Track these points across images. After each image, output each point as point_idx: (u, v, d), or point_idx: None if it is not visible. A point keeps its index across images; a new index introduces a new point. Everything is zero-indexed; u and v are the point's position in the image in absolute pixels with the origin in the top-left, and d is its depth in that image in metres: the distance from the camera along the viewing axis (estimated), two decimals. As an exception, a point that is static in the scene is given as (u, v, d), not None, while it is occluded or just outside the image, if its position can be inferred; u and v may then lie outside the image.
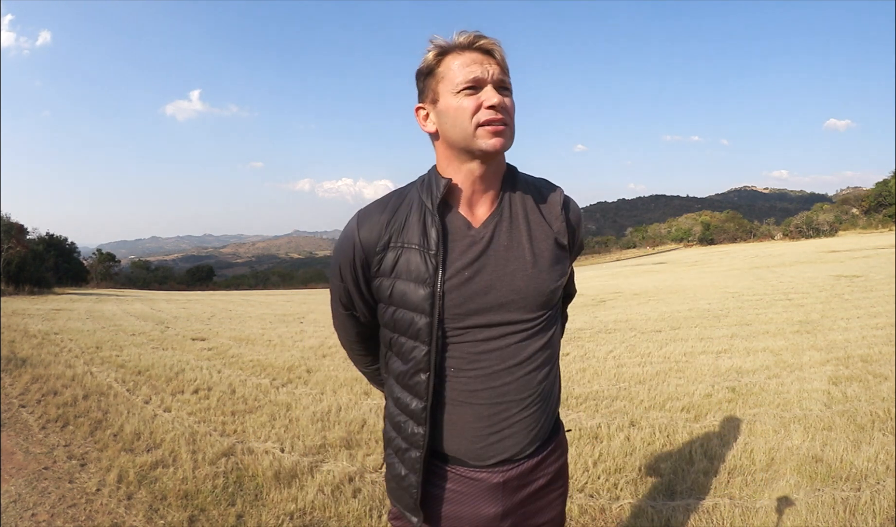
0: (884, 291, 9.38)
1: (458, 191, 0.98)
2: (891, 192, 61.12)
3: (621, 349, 5.98)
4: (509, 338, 0.96)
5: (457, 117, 0.93)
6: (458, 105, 0.92)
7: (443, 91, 0.95)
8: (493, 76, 0.92)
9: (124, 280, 46.95)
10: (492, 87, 0.92)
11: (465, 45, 0.94)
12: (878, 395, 3.76)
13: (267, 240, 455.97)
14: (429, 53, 0.96)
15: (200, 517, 2.43)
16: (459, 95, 0.92)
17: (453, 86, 0.93)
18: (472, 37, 0.93)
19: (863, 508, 2.27)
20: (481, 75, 0.92)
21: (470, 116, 0.92)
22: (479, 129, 0.92)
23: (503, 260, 0.95)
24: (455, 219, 0.97)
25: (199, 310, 13.67)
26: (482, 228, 0.97)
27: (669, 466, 2.80)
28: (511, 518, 1.02)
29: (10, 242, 21.93)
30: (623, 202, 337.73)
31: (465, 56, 0.93)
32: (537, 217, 0.99)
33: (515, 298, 0.95)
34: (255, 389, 4.69)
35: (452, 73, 0.93)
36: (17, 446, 3.33)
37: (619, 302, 11.55)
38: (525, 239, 0.97)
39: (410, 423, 0.98)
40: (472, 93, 0.92)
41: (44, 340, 7.52)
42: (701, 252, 52.22)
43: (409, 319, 0.94)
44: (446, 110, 0.94)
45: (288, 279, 55.31)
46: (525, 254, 0.96)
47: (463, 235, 0.96)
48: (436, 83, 0.96)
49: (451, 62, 0.94)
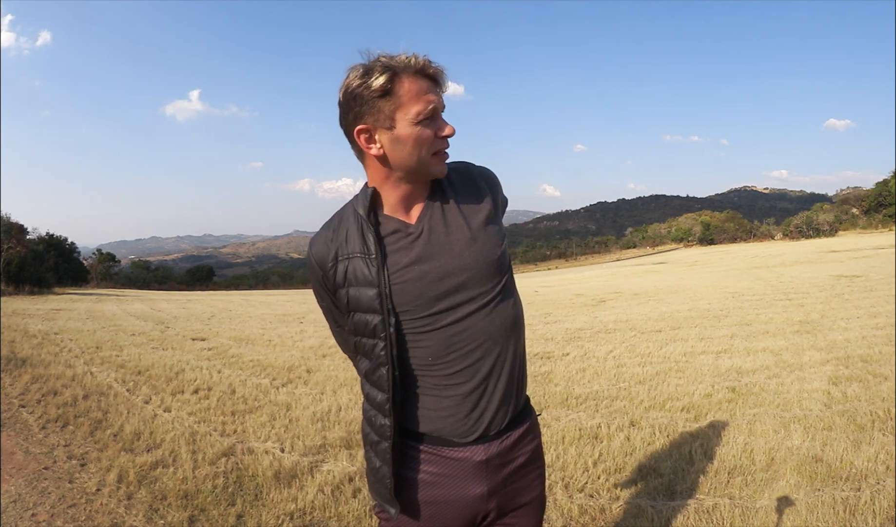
0: (884, 291, 9.38)
1: (391, 197, 1.03)
2: (891, 192, 61.13)
3: (621, 349, 5.98)
4: (476, 315, 1.01)
5: (417, 147, 0.96)
6: (418, 135, 0.95)
7: (400, 117, 0.95)
8: (443, 106, 0.97)
9: (124, 280, 46.95)
10: (443, 119, 0.98)
11: (418, 71, 0.94)
12: (878, 395, 3.76)
13: (267, 240, 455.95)
14: (376, 77, 0.93)
15: (200, 517, 2.43)
16: (419, 126, 0.95)
17: (412, 115, 0.94)
18: (423, 62, 0.94)
19: (863, 508, 2.27)
20: (438, 106, 0.95)
21: (428, 146, 0.96)
22: (433, 157, 0.98)
23: (446, 245, 1.01)
24: (390, 223, 1.03)
25: (199, 310, 13.68)
26: (418, 223, 1.02)
27: (669, 466, 2.80)
28: (497, 498, 1.06)
29: (10, 242, 21.93)
30: (623, 202, 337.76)
31: (419, 83, 0.94)
32: (463, 196, 1.05)
33: (470, 273, 1.00)
34: (255, 389, 4.69)
35: (410, 99, 0.94)
36: (17, 446, 3.33)
37: (619, 302, 11.55)
38: (461, 219, 1.03)
39: (378, 415, 1.03)
40: (431, 122, 0.96)
41: (44, 340, 7.52)
42: (701, 252, 52.23)
43: (364, 321, 1.02)
44: (405, 139, 0.96)
45: (288, 279, 55.30)
46: (464, 232, 1.02)
47: (403, 235, 1.02)
48: (392, 108, 0.94)
49: (407, 88, 0.94)
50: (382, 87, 0.93)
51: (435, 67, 0.95)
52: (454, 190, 1.05)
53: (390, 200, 1.03)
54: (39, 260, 23.57)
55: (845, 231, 59.63)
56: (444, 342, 1.00)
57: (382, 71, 0.93)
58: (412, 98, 0.94)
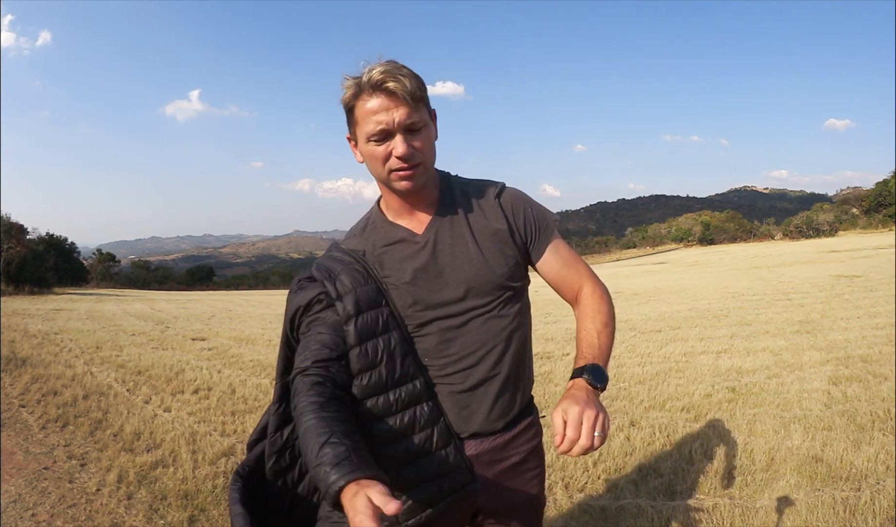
0: (884, 291, 9.38)
1: (393, 203, 1.06)
2: (891, 192, 61.13)
3: (621, 349, 5.98)
4: (471, 324, 1.02)
5: (372, 164, 1.00)
6: (371, 153, 0.98)
7: (359, 135, 0.99)
8: (399, 123, 0.94)
9: (124, 280, 46.94)
10: (399, 136, 0.95)
11: (372, 87, 0.94)
12: (878, 395, 3.76)
13: (267, 240, 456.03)
14: (346, 92, 0.97)
15: (200, 517, 2.43)
16: (371, 144, 0.97)
17: (365, 134, 0.97)
18: (378, 77, 0.93)
19: (863, 508, 2.27)
20: (387, 126, 0.94)
21: (382, 164, 0.98)
22: (392, 174, 0.99)
23: (449, 257, 1.03)
24: (398, 231, 1.06)
25: (199, 310, 13.67)
26: (425, 233, 1.04)
27: (669, 466, 2.80)
28: (486, 494, 1.05)
29: (10, 242, 21.92)
30: (623, 202, 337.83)
31: (373, 100, 0.94)
32: (476, 212, 1.07)
33: (468, 286, 1.02)
34: (255, 390, 4.69)
35: (362, 118, 0.96)
36: (17, 446, 3.33)
37: (618, 302, 11.49)
38: (467, 234, 1.04)
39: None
40: (381, 142, 0.96)
41: (44, 340, 7.52)
42: (701, 252, 52.23)
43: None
44: (364, 154, 1.01)
45: (288, 279, 55.23)
46: (469, 247, 1.03)
47: (410, 244, 1.04)
48: (354, 126, 1.00)
49: (362, 106, 0.96)
50: (348, 103, 0.98)
51: (395, 82, 0.93)
52: (467, 205, 1.07)
53: (393, 207, 1.07)
54: (39, 260, 23.55)
55: (845, 231, 59.62)
56: (439, 344, 1.02)
57: (350, 87, 0.97)
58: (363, 117, 0.96)
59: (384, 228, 1.07)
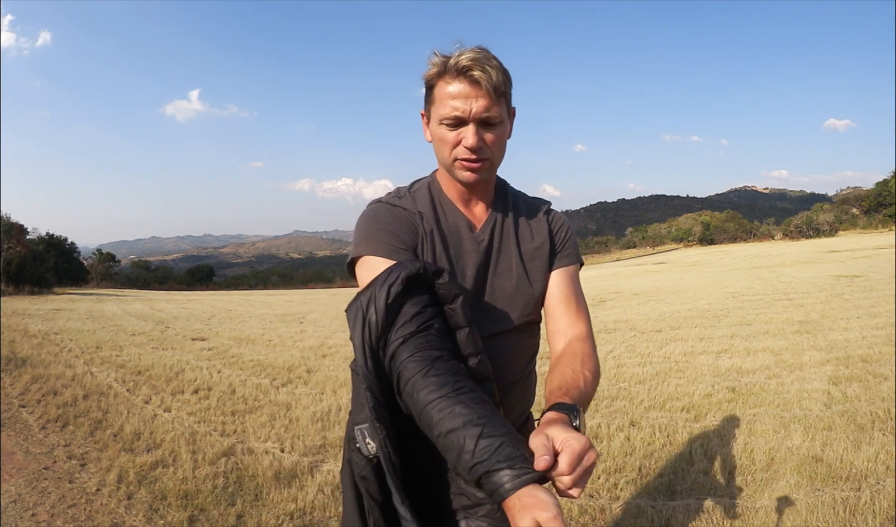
0: (884, 291, 9.38)
1: (451, 188, 1.04)
2: (891, 192, 61.13)
3: (621, 349, 5.98)
4: (500, 337, 1.00)
5: (439, 146, 0.98)
6: (441, 135, 0.97)
7: (433, 114, 0.98)
8: (476, 113, 0.93)
9: (124, 280, 46.94)
10: (472, 126, 0.94)
11: (458, 71, 0.92)
12: (878, 395, 3.76)
13: (267, 240, 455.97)
14: (431, 69, 0.96)
15: (200, 517, 2.43)
16: (443, 127, 0.96)
17: (439, 116, 0.95)
18: (465, 62, 0.91)
19: (863, 508, 2.27)
20: (462, 114, 0.93)
21: (449, 149, 0.96)
22: (456, 162, 0.97)
23: (493, 262, 1.02)
24: (458, 217, 1.03)
25: (199, 310, 13.67)
26: (481, 231, 1.03)
27: (669, 466, 2.80)
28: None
29: (10, 242, 21.92)
30: (623, 202, 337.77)
31: (454, 85, 0.93)
32: (523, 226, 1.06)
33: (500, 296, 1.01)
34: (255, 389, 4.69)
35: (440, 99, 0.95)
36: (17, 446, 3.33)
37: (619, 302, 11.55)
38: (513, 243, 1.04)
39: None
40: (454, 128, 0.95)
41: (44, 340, 7.52)
42: (701, 252, 52.22)
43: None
44: (433, 134, 0.99)
45: (288, 279, 55.33)
46: (512, 257, 1.03)
47: (471, 236, 1.02)
48: (430, 104, 0.99)
49: (442, 88, 0.94)
50: (430, 80, 0.97)
51: (481, 71, 0.91)
52: (518, 216, 1.06)
53: (451, 190, 1.04)
54: (39, 260, 23.54)
55: (845, 231, 59.61)
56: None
57: (435, 65, 0.95)
58: (441, 99, 0.95)
59: (449, 207, 1.03)
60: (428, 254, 0.97)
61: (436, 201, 1.04)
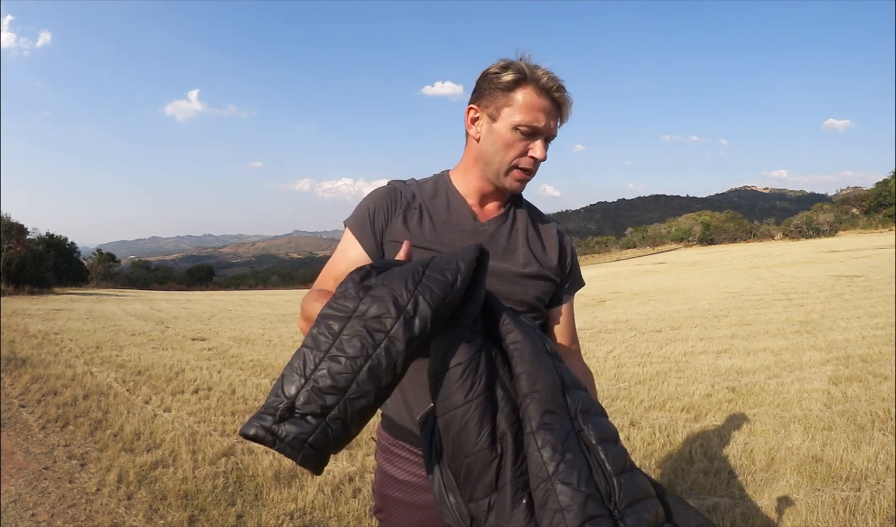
0: (884, 291, 9.38)
1: (472, 184, 1.06)
2: (891, 192, 61.14)
3: (621, 349, 5.98)
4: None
5: (502, 149, 0.99)
6: (509, 139, 0.98)
7: (504, 115, 0.98)
8: (551, 131, 0.98)
9: (124, 280, 46.93)
10: (542, 141, 0.98)
11: (545, 88, 0.96)
12: (878, 395, 3.76)
13: (267, 240, 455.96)
14: (511, 72, 0.96)
15: (200, 517, 2.43)
16: (516, 132, 0.97)
17: (515, 119, 0.96)
18: (553, 83, 0.95)
19: (863, 508, 2.27)
20: (542, 127, 0.96)
21: (514, 156, 0.99)
22: (514, 170, 1.00)
23: (499, 258, 1.01)
24: (464, 207, 1.05)
25: (199, 310, 13.67)
26: (487, 224, 1.04)
27: (669, 466, 2.80)
28: None
29: (10, 242, 21.91)
30: (623, 202, 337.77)
31: (542, 98, 0.96)
32: (533, 234, 1.08)
33: (505, 282, 1.01)
34: (255, 390, 4.69)
35: (521, 106, 0.96)
36: (17, 446, 3.33)
37: (619, 302, 11.55)
38: (521, 245, 1.05)
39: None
40: (527, 138, 0.97)
41: (44, 340, 7.51)
42: (701, 252, 52.20)
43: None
44: (498, 135, 0.99)
45: (288, 279, 55.30)
46: (519, 258, 1.03)
47: (468, 224, 1.04)
48: (503, 102, 0.98)
49: (529, 95, 0.96)
50: (507, 84, 0.97)
51: (563, 95, 0.97)
52: (530, 224, 1.08)
53: (470, 187, 1.06)
54: (39, 260, 23.53)
55: (845, 231, 59.59)
56: None
57: (517, 72, 0.96)
58: (524, 106, 0.96)
59: (456, 198, 1.06)
60: (410, 221, 1.01)
61: (440, 192, 1.06)
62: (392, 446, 1.07)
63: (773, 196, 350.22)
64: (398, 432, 1.05)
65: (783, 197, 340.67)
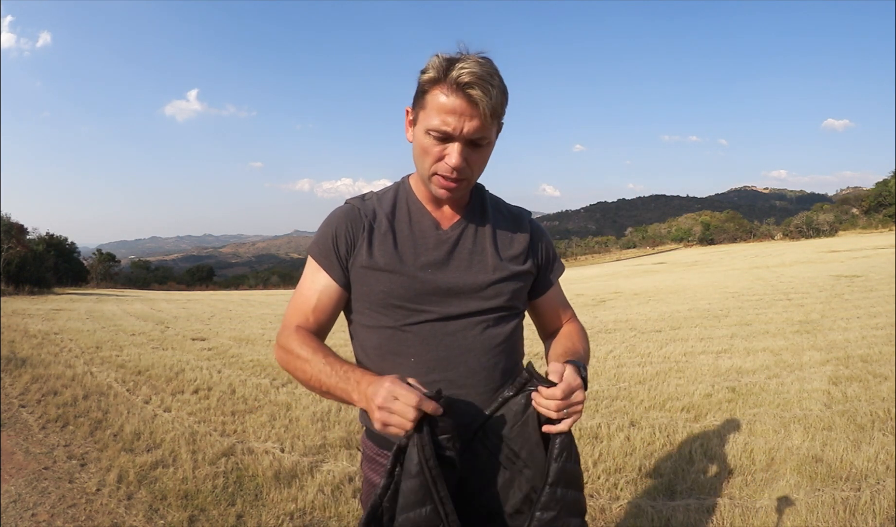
0: (884, 291, 9.38)
1: (424, 190, 1.03)
2: (891, 192, 61.16)
3: (621, 349, 5.98)
4: (470, 330, 0.99)
5: (420, 156, 0.95)
6: (424, 146, 0.93)
7: (420, 120, 0.93)
8: (466, 133, 0.89)
9: (124, 280, 46.94)
10: (458, 145, 0.91)
11: (456, 86, 0.87)
12: (878, 395, 3.76)
13: (267, 240, 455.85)
14: (429, 72, 0.90)
15: (200, 517, 2.43)
16: (428, 137, 0.92)
17: (427, 124, 0.91)
18: (466, 78, 0.86)
19: (863, 508, 2.27)
20: (453, 131, 0.89)
21: (431, 162, 0.94)
22: (434, 176, 0.95)
23: (466, 261, 1.01)
24: (425, 218, 1.02)
25: (199, 310, 13.67)
26: (450, 230, 1.02)
27: (669, 466, 2.80)
28: None
29: (10, 242, 21.91)
30: (623, 202, 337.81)
31: (450, 98, 0.88)
32: (503, 230, 1.06)
33: (475, 293, 0.99)
34: (255, 389, 4.69)
35: (432, 109, 0.90)
36: (17, 446, 3.33)
37: (619, 302, 11.55)
38: (489, 245, 1.03)
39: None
40: (440, 141, 0.91)
41: (44, 340, 7.51)
42: (701, 252, 52.20)
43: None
44: (417, 140, 0.95)
45: (288, 279, 55.27)
46: (488, 259, 1.01)
47: (431, 235, 1.01)
48: (420, 105, 0.94)
49: (437, 97, 0.89)
50: (422, 84, 0.92)
51: (482, 91, 0.86)
52: (496, 220, 1.06)
53: (422, 195, 1.04)
54: (39, 260, 23.52)
55: (845, 231, 59.61)
56: (425, 338, 0.97)
57: (433, 69, 0.89)
58: (433, 109, 0.90)
59: (416, 207, 1.03)
60: (374, 244, 0.98)
61: (400, 202, 1.04)
62: (377, 455, 1.05)
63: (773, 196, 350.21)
64: (382, 442, 1.03)
65: (783, 197, 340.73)
